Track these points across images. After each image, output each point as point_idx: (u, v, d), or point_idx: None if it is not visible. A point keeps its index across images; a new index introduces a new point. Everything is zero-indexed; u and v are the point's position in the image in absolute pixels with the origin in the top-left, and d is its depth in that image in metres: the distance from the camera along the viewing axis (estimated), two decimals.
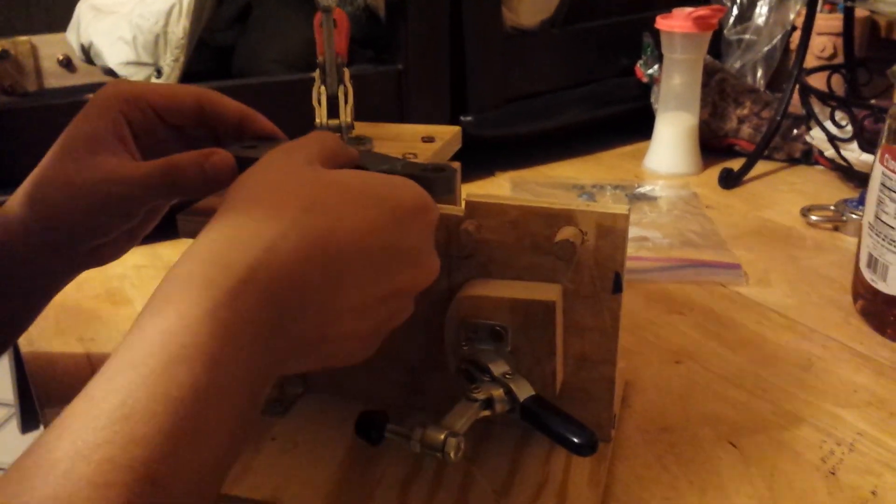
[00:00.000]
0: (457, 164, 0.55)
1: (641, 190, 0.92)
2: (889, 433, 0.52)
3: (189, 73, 0.93)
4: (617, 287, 0.46)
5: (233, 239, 0.34)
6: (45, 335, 0.65)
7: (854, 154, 0.87)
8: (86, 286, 0.73)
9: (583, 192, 0.93)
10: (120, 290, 0.73)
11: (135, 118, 0.47)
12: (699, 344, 0.63)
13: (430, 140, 0.54)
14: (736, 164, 0.98)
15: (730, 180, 0.95)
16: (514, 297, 0.45)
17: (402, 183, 0.41)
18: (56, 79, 1.10)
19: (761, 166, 0.99)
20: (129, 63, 0.87)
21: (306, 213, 0.36)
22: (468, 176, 1.00)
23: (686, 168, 0.99)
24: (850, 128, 0.86)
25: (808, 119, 0.94)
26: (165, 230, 0.52)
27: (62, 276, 0.51)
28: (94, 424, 0.27)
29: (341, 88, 0.52)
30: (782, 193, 0.94)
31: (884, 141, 0.62)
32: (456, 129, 0.57)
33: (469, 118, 0.94)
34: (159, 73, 0.88)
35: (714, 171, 0.98)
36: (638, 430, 0.53)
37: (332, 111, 0.53)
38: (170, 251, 0.78)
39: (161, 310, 0.31)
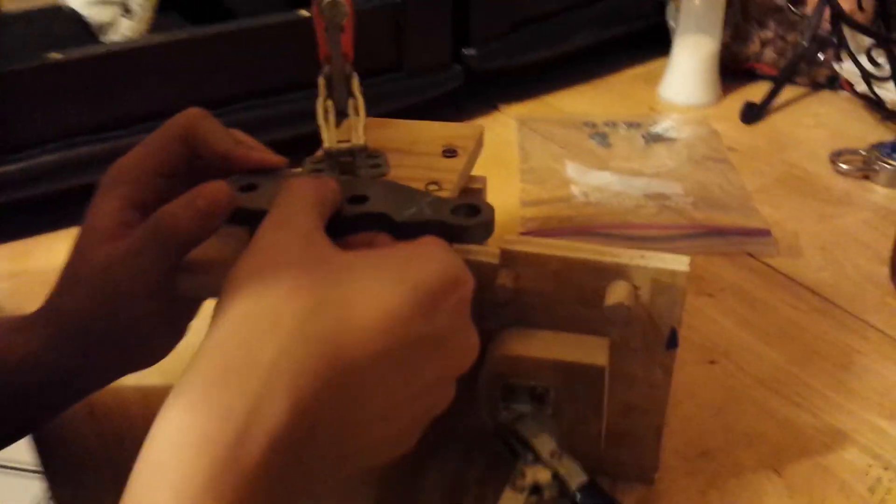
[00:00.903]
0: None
1: (657, 129, 0.86)
2: None
3: (163, 3, 0.84)
4: (672, 342, 0.42)
5: (226, 379, 0.29)
6: None
7: (889, 94, 0.81)
8: None
9: (595, 131, 0.86)
10: None
11: (139, 198, 0.42)
12: (732, 337, 0.60)
13: (451, 154, 0.48)
14: (756, 91, 0.92)
15: (751, 115, 0.88)
16: (557, 358, 0.41)
17: (425, 255, 0.34)
18: (11, 1, 0.99)
19: (783, 93, 0.92)
20: (92, 3, 0.78)
21: (308, 320, 0.30)
22: (469, 112, 0.94)
23: (705, 98, 0.92)
24: (887, 67, 0.79)
25: (839, 47, 0.87)
26: None
27: (94, 385, 0.44)
28: None
29: (351, 102, 0.45)
30: (808, 129, 0.88)
31: None
32: (479, 131, 0.50)
33: (472, 51, 0.86)
34: (127, 11, 0.79)
35: (733, 100, 0.92)
36: (678, 457, 0.50)
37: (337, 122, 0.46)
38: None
39: (155, 483, 0.27)
